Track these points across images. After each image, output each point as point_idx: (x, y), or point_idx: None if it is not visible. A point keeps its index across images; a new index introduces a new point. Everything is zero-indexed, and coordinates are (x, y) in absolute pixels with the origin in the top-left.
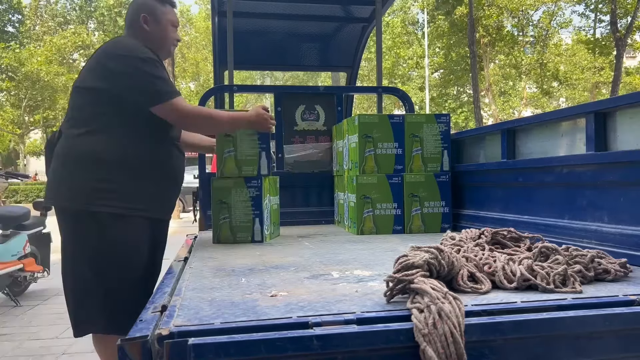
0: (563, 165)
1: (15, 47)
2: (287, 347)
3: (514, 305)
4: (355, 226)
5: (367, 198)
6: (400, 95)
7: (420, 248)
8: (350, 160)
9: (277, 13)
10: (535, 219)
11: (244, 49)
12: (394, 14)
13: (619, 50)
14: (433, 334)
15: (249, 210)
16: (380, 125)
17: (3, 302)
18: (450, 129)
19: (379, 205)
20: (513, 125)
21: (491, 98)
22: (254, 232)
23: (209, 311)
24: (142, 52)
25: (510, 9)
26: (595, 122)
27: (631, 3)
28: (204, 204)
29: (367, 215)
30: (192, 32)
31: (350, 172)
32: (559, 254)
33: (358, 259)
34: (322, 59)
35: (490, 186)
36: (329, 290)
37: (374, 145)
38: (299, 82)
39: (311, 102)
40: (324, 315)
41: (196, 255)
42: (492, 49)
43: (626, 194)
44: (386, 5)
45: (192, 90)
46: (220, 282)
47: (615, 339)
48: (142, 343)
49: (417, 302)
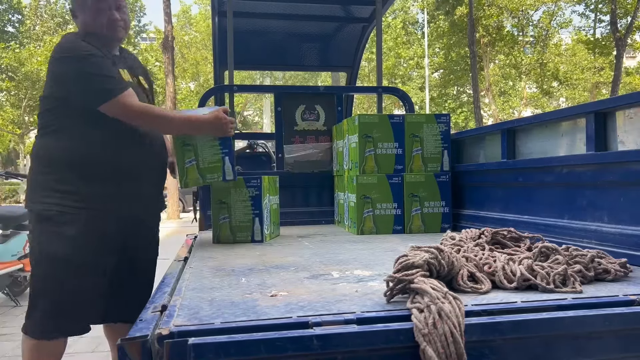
0: (563, 165)
1: (15, 47)
2: (287, 347)
3: (514, 305)
4: (355, 226)
5: (367, 198)
6: (400, 95)
7: (420, 248)
8: (351, 160)
9: (277, 13)
10: (535, 219)
11: (244, 49)
12: (394, 14)
13: (619, 50)
14: (433, 334)
15: (249, 210)
16: (380, 125)
17: (3, 302)
18: (451, 129)
19: (379, 205)
20: (513, 125)
21: (491, 98)
22: (253, 232)
23: (209, 311)
24: (80, 51)
25: (510, 9)
26: (595, 122)
27: (631, 3)
28: (204, 204)
29: (367, 215)
30: (192, 32)
31: (351, 172)
32: (559, 254)
33: (358, 259)
34: (322, 59)
35: (490, 186)
36: (329, 290)
37: (374, 145)
38: (298, 82)
39: (311, 102)
40: (324, 315)
41: (196, 255)
42: (492, 49)
43: (626, 193)
44: (386, 5)
45: (192, 90)
46: (220, 282)
47: (615, 339)
48: (142, 343)
49: (417, 302)
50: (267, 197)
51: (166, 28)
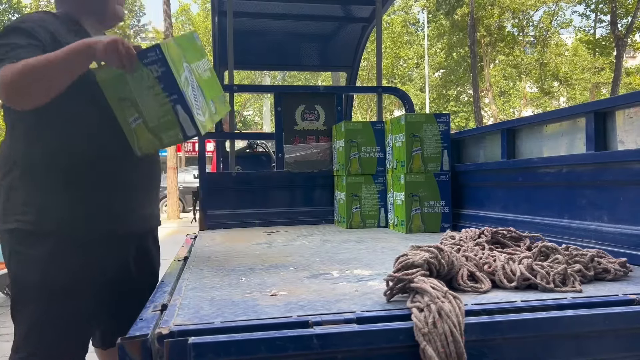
0: (563, 164)
1: None
2: (287, 346)
3: (513, 305)
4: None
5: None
6: (400, 95)
7: (420, 247)
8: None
9: (277, 13)
10: (535, 219)
11: (244, 48)
12: (395, 14)
13: (619, 50)
14: (433, 333)
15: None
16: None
17: (3, 302)
18: (450, 128)
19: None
20: (513, 124)
21: (491, 98)
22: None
23: (209, 310)
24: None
25: (511, 9)
26: (595, 122)
27: (631, 3)
28: (204, 203)
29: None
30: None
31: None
32: (559, 254)
33: (358, 258)
34: (322, 58)
35: (490, 186)
36: (328, 290)
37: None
38: (299, 83)
39: (311, 102)
40: (324, 314)
41: (196, 255)
42: (492, 49)
43: (626, 193)
44: (386, 5)
45: None
46: (220, 281)
47: (615, 338)
48: (142, 342)
49: (417, 301)
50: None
51: (166, 28)
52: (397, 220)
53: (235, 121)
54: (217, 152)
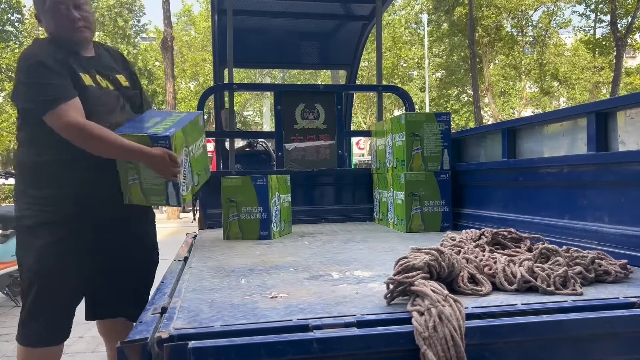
0: (564, 165)
1: (14, 47)
2: (287, 351)
3: (514, 308)
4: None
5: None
6: (400, 93)
7: (420, 249)
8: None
9: (277, 11)
10: (536, 219)
11: (244, 47)
12: (396, 14)
13: (619, 50)
14: (433, 337)
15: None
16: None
17: (3, 302)
18: (451, 128)
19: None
20: (514, 124)
21: (491, 98)
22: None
23: (209, 313)
24: (27, 60)
25: (508, 9)
26: (596, 122)
27: (631, 3)
28: (204, 203)
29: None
30: (192, 32)
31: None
32: (560, 256)
33: (358, 259)
34: (322, 57)
35: (491, 185)
36: (328, 292)
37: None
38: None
39: (311, 101)
40: (324, 317)
41: (196, 255)
42: (491, 49)
43: (627, 194)
44: (386, 3)
45: (192, 90)
46: (220, 282)
47: (616, 342)
48: (142, 346)
49: (417, 305)
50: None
51: (166, 30)
52: (397, 220)
53: (235, 121)
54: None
